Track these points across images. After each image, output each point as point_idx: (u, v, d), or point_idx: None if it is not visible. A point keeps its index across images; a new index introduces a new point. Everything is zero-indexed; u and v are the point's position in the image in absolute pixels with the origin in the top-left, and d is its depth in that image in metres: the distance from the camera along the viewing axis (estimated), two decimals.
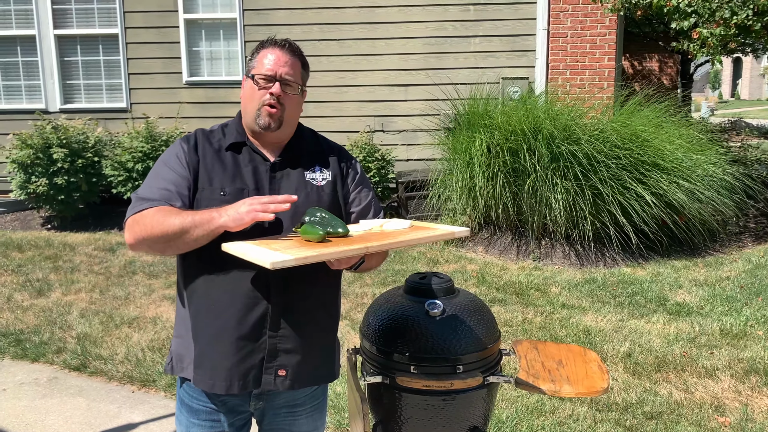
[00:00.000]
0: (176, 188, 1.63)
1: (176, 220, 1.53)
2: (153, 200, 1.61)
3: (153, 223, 1.55)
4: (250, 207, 1.47)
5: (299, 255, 1.39)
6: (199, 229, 1.51)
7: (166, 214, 1.55)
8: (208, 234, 1.52)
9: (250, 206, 1.47)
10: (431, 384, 1.67)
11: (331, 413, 3.28)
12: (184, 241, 1.54)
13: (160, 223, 1.54)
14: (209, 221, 1.51)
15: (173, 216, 1.54)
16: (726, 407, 3.33)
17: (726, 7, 6.06)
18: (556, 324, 4.45)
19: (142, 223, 1.58)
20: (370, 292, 5.07)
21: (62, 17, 8.17)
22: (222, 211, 1.51)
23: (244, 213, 1.47)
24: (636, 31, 14.35)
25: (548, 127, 6.00)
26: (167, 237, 1.54)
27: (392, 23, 7.80)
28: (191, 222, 1.52)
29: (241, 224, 1.48)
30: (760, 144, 9.48)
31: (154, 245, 1.58)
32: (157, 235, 1.55)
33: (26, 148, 6.90)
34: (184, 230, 1.52)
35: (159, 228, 1.54)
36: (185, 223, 1.52)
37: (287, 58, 1.69)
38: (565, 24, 7.64)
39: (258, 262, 1.39)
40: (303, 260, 1.39)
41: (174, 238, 1.53)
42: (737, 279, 5.43)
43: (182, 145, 1.69)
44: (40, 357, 4.03)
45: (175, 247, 1.57)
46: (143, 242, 1.58)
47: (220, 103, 7.98)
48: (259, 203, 1.48)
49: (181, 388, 1.76)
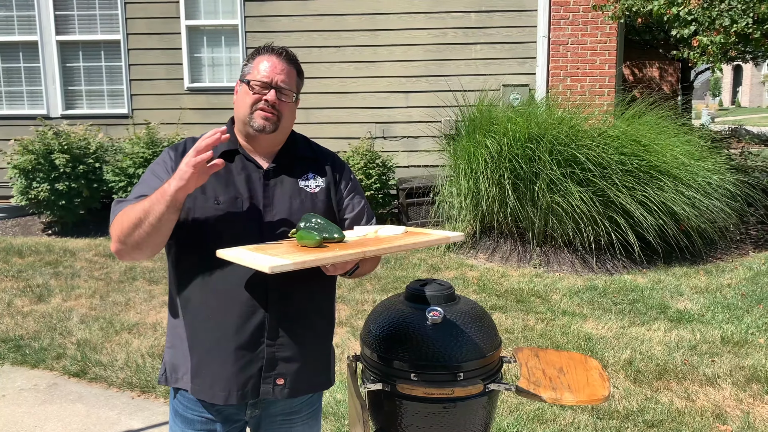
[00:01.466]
0: None
1: (137, 208, 1.51)
2: (128, 201, 1.61)
3: (123, 218, 1.55)
4: (186, 164, 1.44)
5: (297, 259, 1.39)
6: (157, 206, 1.48)
7: (131, 207, 1.55)
8: (168, 207, 1.48)
9: (185, 163, 1.44)
10: (432, 391, 1.67)
11: (332, 420, 3.27)
12: (150, 225, 1.50)
13: (127, 214, 1.54)
14: (162, 194, 1.48)
15: (137, 206, 1.53)
16: (727, 415, 3.32)
17: (726, 15, 6.07)
18: (557, 331, 4.44)
19: (116, 223, 1.58)
20: (371, 299, 5.06)
21: (64, 23, 8.20)
22: (169, 181, 1.48)
23: (184, 169, 1.44)
24: (636, 38, 14.41)
25: (552, 133, 6.01)
26: (135, 226, 1.51)
27: (393, 30, 7.82)
28: (148, 202, 1.49)
29: (187, 177, 1.44)
30: (760, 151, 9.48)
31: (130, 240, 1.54)
32: (127, 229, 1.53)
33: (28, 153, 6.91)
34: (146, 212, 1.49)
35: (127, 220, 1.53)
36: (144, 206, 1.50)
37: (283, 65, 1.68)
38: (565, 31, 7.66)
39: (256, 267, 1.39)
40: (301, 264, 1.38)
41: (140, 224, 1.50)
42: (738, 287, 5.42)
43: (170, 153, 1.68)
44: (40, 363, 4.03)
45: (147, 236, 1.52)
46: (122, 242, 1.55)
47: (221, 109, 8.00)
48: (193, 151, 1.44)
49: (175, 399, 1.75)
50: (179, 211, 1.53)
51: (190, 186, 1.46)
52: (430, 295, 1.77)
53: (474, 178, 6.14)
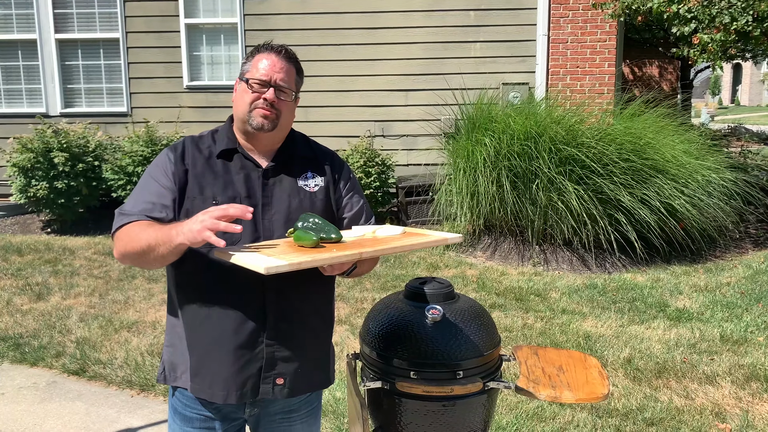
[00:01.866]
0: (159, 200, 1.62)
1: (143, 237, 1.52)
2: (132, 215, 1.61)
3: (128, 239, 1.56)
4: (201, 224, 1.40)
5: (293, 260, 1.38)
6: (162, 247, 1.49)
7: (138, 230, 1.55)
8: (172, 252, 1.49)
9: (201, 223, 1.40)
10: (431, 389, 1.67)
11: (331, 418, 3.27)
12: (154, 258, 1.52)
13: (132, 239, 1.55)
14: (169, 240, 1.46)
15: (142, 231, 1.53)
16: (726, 413, 3.32)
17: (726, 13, 6.07)
18: (556, 329, 4.44)
19: (121, 239, 1.59)
20: (370, 297, 5.06)
21: (63, 21, 8.18)
22: (179, 229, 1.45)
23: (195, 232, 1.40)
24: (636, 37, 14.39)
25: (551, 132, 6.01)
26: (140, 253, 1.53)
27: (393, 28, 7.81)
28: (155, 239, 1.49)
29: (195, 242, 1.42)
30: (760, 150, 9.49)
31: (134, 261, 1.59)
32: (132, 252, 1.56)
33: (27, 152, 6.90)
34: (151, 248, 1.50)
35: (131, 245, 1.55)
36: (150, 241, 1.50)
37: (282, 64, 1.67)
38: (565, 30, 7.65)
39: (252, 267, 1.39)
40: (297, 266, 1.38)
41: (145, 254, 1.52)
42: (737, 285, 5.42)
43: (168, 155, 1.67)
44: (39, 361, 4.03)
45: (152, 263, 1.56)
46: (125, 258, 1.60)
47: (220, 107, 7.99)
48: (210, 218, 1.40)
49: (174, 397, 1.75)
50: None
51: (194, 245, 1.46)
52: (429, 294, 1.77)
53: (473, 176, 6.14)
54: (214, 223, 1.39)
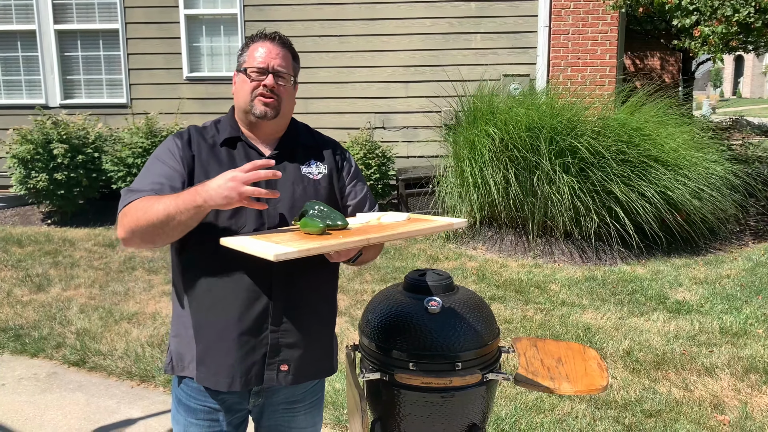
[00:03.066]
0: (168, 181, 1.60)
1: (160, 207, 1.48)
2: (142, 191, 1.57)
3: (139, 212, 1.51)
4: (235, 183, 1.42)
5: (302, 247, 1.39)
6: (184, 214, 1.46)
7: (151, 202, 1.51)
8: (194, 217, 1.48)
9: (234, 181, 1.42)
10: (430, 381, 1.67)
11: (330, 410, 3.28)
12: (172, 228, 1.49)
13: (144, 211, 1.50)
14: (192, 203, 1.45)
15: (156, 202, 1.49)
16: (725, 405, 3.33)
17: (728, 5, 6.04)
18: (555, 321, 4.44)
19: (129, 214, 1.54)
20: (370, 289, 5.07)
21: (62, 12, 8.15)
22: (204, 194, 1.44)
23: (230, 188, 1.42)
24: (638, 28, 14.34)
25: (552, 123, 5.99)
26: (154, 225, 1.49)
27: (393, 20, 7.78)
28: (175, 207, 1.46)
29: (229, 202, 1.43)
30: (761, 142, 9.46)
31: (144, 236, 1.52)
32: (143, 225, 1.50)
33: (26, 143, 6.89)
34: (170, 216, 1.47)
35: (144, 217, 1.49)
36: (170, 209, 1.46)
37: (278, 50, 1.68)
38: (566, 21, 7.62)
39: (261, 255, 1.39)
40: (306, 252, 1.38)
41: (161, 225, 1.48)
42: (737, 277, 5.42)
43: (176, 141, 1.67)
44: (40, 352, 4.03)
45: (164, 235, 1.52)
46: (134, 234, 1.53)
47: (220, 98, 7.97)
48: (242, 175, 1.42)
49: (179, 388, 1.75)
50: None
51: (227, 207, 1.45)
52: (428, 285, 1.77)
53: (474, 168, 6.13)
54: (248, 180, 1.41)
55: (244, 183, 1.42)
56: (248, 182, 1.42)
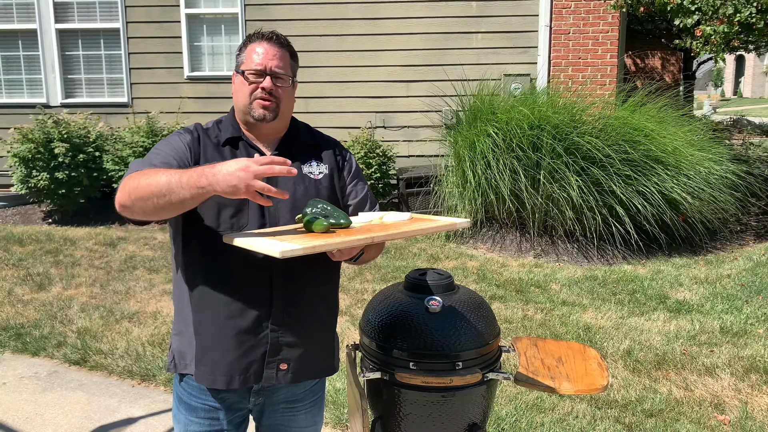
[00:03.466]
0: (178, 162, 1.57)
1: (163, 177, 1.41)
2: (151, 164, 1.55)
3: (142, 179, 1.45)
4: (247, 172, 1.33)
5: (307, 244, 1.39)
6: (185, 191, 1.39)
7: (155, 171, 1.45)
8: (195, 197, 1.40)
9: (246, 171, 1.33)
10: (430, 380, 1.67)
11: (331, 409, 3.28)
12: (170, 201, 1.41)
13: (148, 178, 1.43)
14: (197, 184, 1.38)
15: (164, 173, 1.43)
16: (726, 405, 3.33)
17: (729, 4, 6.03)
18: (556, 321, 4.45)
19: (133, 178, 1.48)
20: (371, 288, 5.07)
21: (63, 11, 8.15)
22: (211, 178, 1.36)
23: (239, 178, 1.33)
24: (638, 28, 14.32)
25: (553, 123, 5.99)
26: (154, 194, 1.42)
27: (394, 19, 7.78)
28: (177, 181, 1.39)
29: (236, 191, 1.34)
30: (762, 142, 9.45)
31: (142, 205, 1.45)
32: (144, 193, 1.43)
33: (27, 142, 6.90)
34: (170, 189, 1.40)
35: (146, 184, 1.43)
36: (172, 182, 1.40)
37: (276, 50, 1.67)
38: (567, 20, 7.62)
39: (266, 251, 1.39)
40: (311, 249, 1.38)
41: (160, 195, 1.41)
42: (738, 277, 5.42)
43: (185, 134, 1.67)
44: (41, 351, 4.04)
45: (161, 209, 1.44)
46: (132, 201, 1.46)
47: (221, 98, 7.97)
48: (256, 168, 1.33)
49: (179, 386, 1.76)
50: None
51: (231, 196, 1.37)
52: (429, 285, 1.77)
53: (475, 167, 6.13)
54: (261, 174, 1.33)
55: (256, 176, 1.33)
56: (261, 176, 1.34)
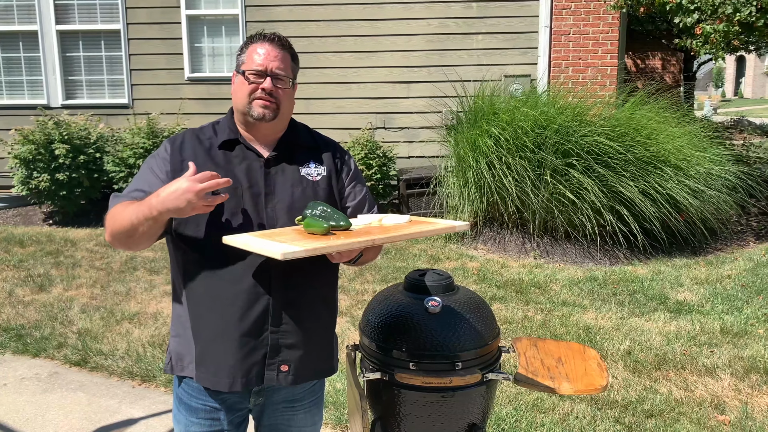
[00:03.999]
0: (150, 189, 1.62)
1: (126, 215, 1.53)
2: (123, 197, 1.63)
3: (114, 219, 1.58)
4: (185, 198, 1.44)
5: (308, 246, 1.39)
6: (144, 224, 1.51)
7: (123, 209, 1.56)
8: (153, 225, 1.52)
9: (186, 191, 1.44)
10: (430, 381, 1.67)
11: (331, 409, 3.28)
12: (139, 235, 1.54)
13: (116, 218, 1.57)
14: (149, 209, 1.49)
15: (125, 211, 1.55)
16: (726, 405, 3.33)
17: (729, 4, 6.03)
18: (556, 322, 4.45)
19: (109, 221, 1.61)
20: (371, 289, 5.07)
21: (64, 13, 8.16)
22: (154, 202, 1.47)
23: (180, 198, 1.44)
24: (639, 28, 14.33)
25: (554, 124, 5.99)
26: (122, 233, 1.55)
27: (395, 20, 7.78)
28: (135, 215, 1.51)
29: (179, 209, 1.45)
30: (762, 143, 9.45)
31: (124, 242, 1.59)
32: (117, 231, 1.57)
33: (28, 143, 6.90)
34: (133, 226, 1.53)
35: (117, 223, 1.56)
36: (132, 218, 1.52)
37: (277, 52, 1.68)
38: (567, 21, 7.62)
39: (267, 253, 1.39)
40: (312, 251, 1.39)
41: (128, 233, 1.54)
42: (738, 277, 5.42)
43: (166, 146, 1.69)
44: (41, 352, 4.04)
45: (135, 243, 1.58)
46: (115, 239, 1.60)
47: (221, 99, 7.98)
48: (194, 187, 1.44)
49: (179, 387, 1.76)
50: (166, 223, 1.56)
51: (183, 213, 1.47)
52: (429, 285, 1.78)
53: (476, 168, 6.13)
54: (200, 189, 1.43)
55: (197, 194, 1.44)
56: (201, 192, 1.44)
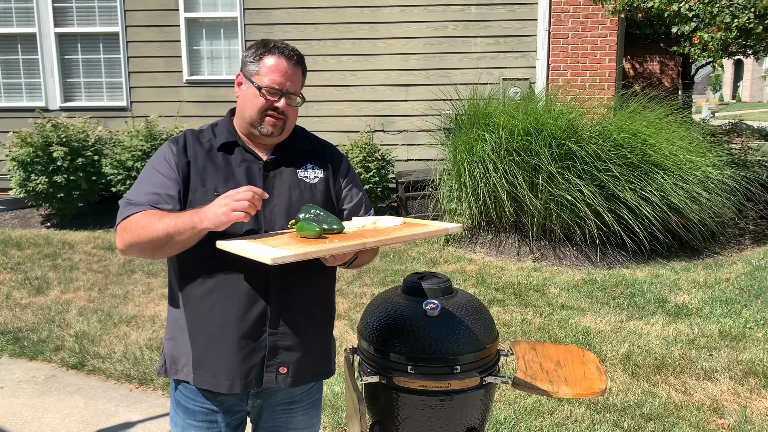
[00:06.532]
0: (164, 191, 1.62)
1: (160, 226, 1.53)
2: (140, 205, 1.61)
3: (139, 229, 1.56)
4: (226, 207, 1.47)
5: (298, 251, 1.39)
6: (183, 235, 1.52)
7: (152, 220, 1.55)
8: (192, 237, 1.53)
9: (225, 206, 1.47)
10: (428, 384, 1.67)
11: (329, 413, 3.27)
12: (172, 245, 1.55)
13: (145, 228, 1.55)
14: (192, 226, 1.51)
15: (157, 221, 1.54)
16: (724, 409, 3.32)
17: (727, 12, 6.05)
18: (554, 325, 4.44)
19: (129, 229, 1.59)
20: (369, 292, 5.07)
21: (63, 15, 8.16)
22: (201, 215, 1.51)
23: (221, 214, 1.47)
24: (637, 32, 14.36)
25: (551, 127, 6.00)
26: (154, 242, 1.55)
27: (393, 23, 7.79)
28: (174, 227, 1.52)
29: (220, 225, 1.48)
30: (760, 146, 9.47)
31: (143, 251, 1.59)
32: (144, 241, 1.56)
33: (26, 146, 6.89)
34: (170, 236, 1.53)
35: (145, 234, 1.55)
36: (169, 229, 1.53)
37: (294, 69, 1.67)
38: (566, 25, 7.63)
39: (257, 258, 1.39)
40: (302, 256, 1.39)
41: (161, 243, 1.54)
42: (737, 281, 5.42)
43: (171, 147, 1.68)
44: (38, 355, 4.03)
45: (163, 252, 1.58)
46: (132, 248, 1.60)
47: (220, 102, 7.98)
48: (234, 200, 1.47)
49: (177, 390, 1.76)
50: None
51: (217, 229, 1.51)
52: (427, 288, 1.77)
53: (474, 171, 6.13)
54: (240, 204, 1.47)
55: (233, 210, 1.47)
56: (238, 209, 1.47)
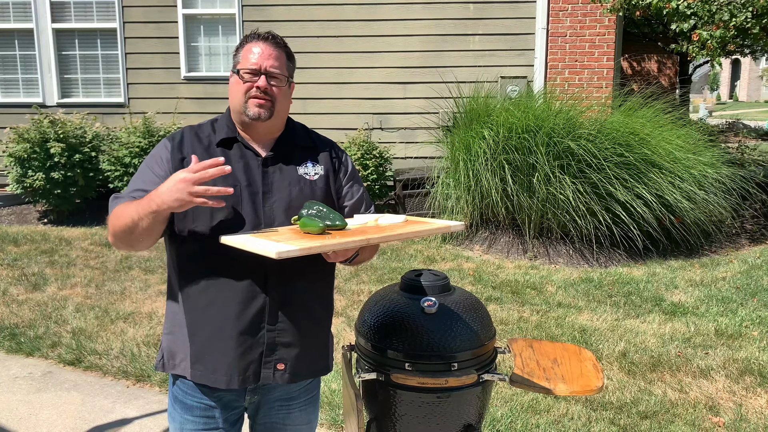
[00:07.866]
0: (151, 187, 1.61)
1: (126, 213, 1.55)
2: (123, 198, 1.64)
3: (115, 219, 1.60)
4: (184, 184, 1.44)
5: (304, 245, 1.40)
6: (144, 220, 1.52)
7: (124, 208, 1.58)
8: (154, 221, 1.52)
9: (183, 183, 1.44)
10: (426, 381, 1.67)
11: (326, 410, 3.28)
12: (139, 232, 1.55)
13: (118, 218, 1.58)
14: (149, 205, 1.50)
15: (127, 209, 1.56)
16: (720, 407, 3.34)
17: (725, 10, 6.06)
18: (551, 323, 4.45)
19: (110, 222, 1.62)
20: (367, 289, 5.07)
21: (60, 11, 8.14)
22: (154, 196, 1.48)
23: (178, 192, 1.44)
24: (635, 31, 14.37)
25: (549, 125, 6.00)
26: (127, 231, 1.56)
27: (392, 20, 7.79)
28: (136, 213, 1.52)
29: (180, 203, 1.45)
30: (757, 145, 9.49)
31: (124, 241, 1.61)
32: (120, 231, 1.58)
33: (23, 142, 6.88)
34: (134, 223, 1.54)
35: (118, 223, 1.58)
36: (133, 215, 1.53)
37: (272, 50, 1.68)
38: (564, 23, 7.64)
39: (262, 252, 1.39)
40: (308, 250, 1.40)
41: (131, 231, 1.55)
42: (733, 280, 5.44)
43: (166, 144, 1.69)
44: (35, 351, 4.03)
45: (137, 241, 1.59)
46: (116, 240, 1.62)
47: (218, 98, 7.96)
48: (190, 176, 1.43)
49: (175, 386, 1.76)
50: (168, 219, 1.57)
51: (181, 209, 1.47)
52: (425, 286, 1.78)
53: (471, 169, 6.14)
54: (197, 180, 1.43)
55: (194, 183, 1.44)
56: (197, 182, 1.44)
